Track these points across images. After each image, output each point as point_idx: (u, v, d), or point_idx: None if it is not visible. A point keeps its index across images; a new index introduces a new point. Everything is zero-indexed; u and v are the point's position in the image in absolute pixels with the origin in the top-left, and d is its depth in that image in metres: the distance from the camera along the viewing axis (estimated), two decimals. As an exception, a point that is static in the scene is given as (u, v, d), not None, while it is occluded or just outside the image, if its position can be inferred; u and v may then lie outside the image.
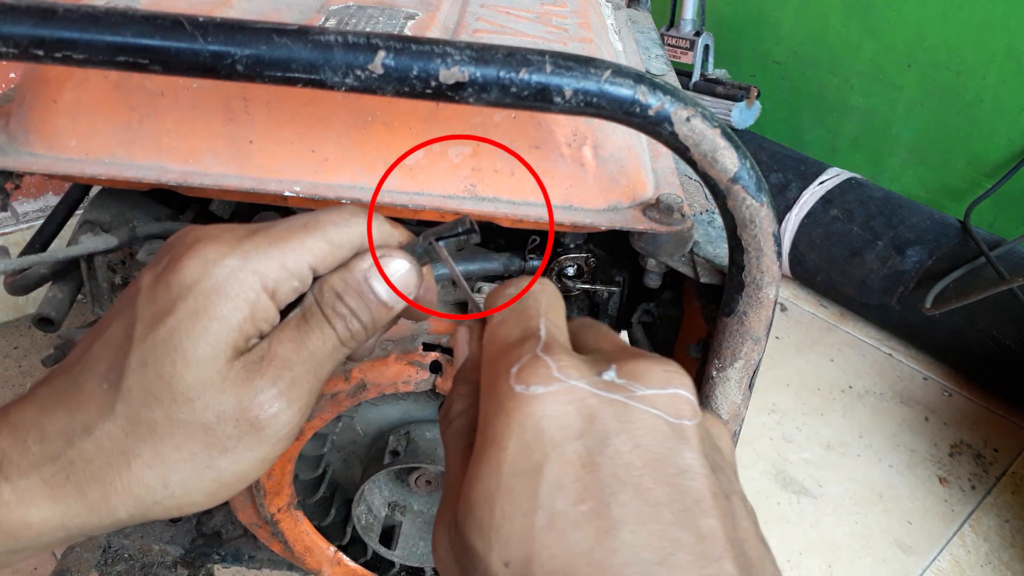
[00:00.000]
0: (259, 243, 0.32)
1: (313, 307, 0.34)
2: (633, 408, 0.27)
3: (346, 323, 0.34)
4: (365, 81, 0.38)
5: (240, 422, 0.32)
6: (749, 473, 1.38)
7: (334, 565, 0.81)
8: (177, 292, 0.31)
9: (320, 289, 0.34)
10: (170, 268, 0.32)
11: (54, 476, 0.31)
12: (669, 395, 0.27)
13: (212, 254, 0.32)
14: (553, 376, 0.27)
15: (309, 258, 0.33)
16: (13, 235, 1.47)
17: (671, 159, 0.64)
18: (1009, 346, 1.48)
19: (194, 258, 0.32)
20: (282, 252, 0.33)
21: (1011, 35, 1.64)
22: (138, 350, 0.31)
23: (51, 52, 0.37)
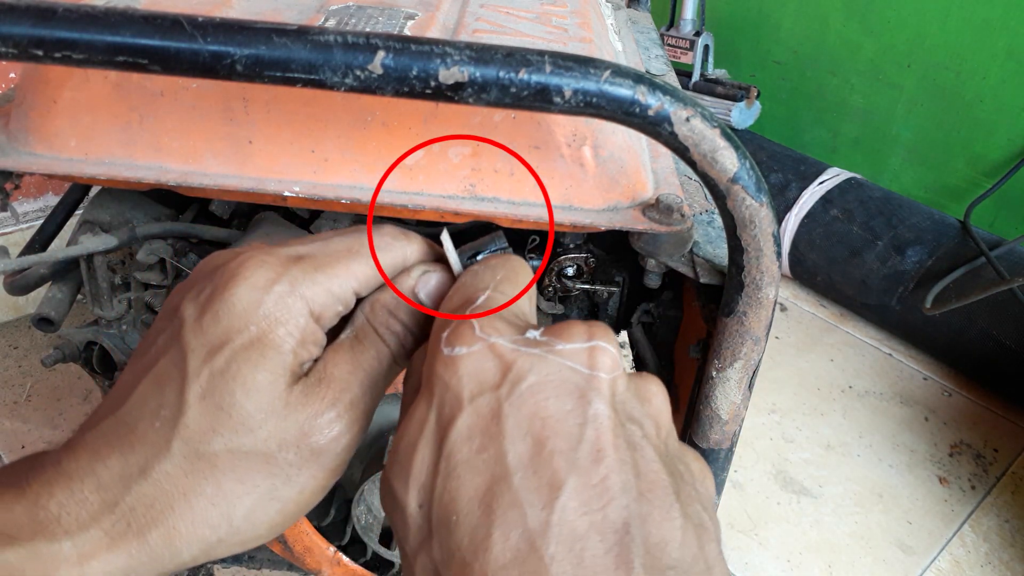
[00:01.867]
0: (306, 268, 0.32)
1: (366, 327, 0.34)
2: (549, 360, 0.28)
3: (399, 339, 0.34)
4: (365, 81, 0.38)
5: (302, 448, 0.32)
6: (749, 473, 1.38)
7: (334, 565, 0.81)
8: (229, 322, 0.31)
9: (372, 308, 0.34)
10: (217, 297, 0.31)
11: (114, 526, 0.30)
12: (587, 348, 0.29)
13: (260, 280, 0.31)
14: (476, 336, 0.29)
15: (354, 283, 0.33)
16: (13, 235, 1.47)
17: (671, 159, 0.64)
18: (1009, 346, 1.48)
19: (242, 285, 0.31)
20: (328, 278, 0.33)
21: (1011, 35, 1.64)
22: (195, 384, 0.30)
23: (51, 52, 0.37)
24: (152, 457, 0.30)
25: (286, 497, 0.32)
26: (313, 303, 0.32)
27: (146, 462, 0.30)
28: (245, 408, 0.30)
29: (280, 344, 0.31)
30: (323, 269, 0.33)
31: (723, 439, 0.57)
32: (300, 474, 0.32)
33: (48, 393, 1.39)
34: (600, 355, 0.29)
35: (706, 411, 0.55)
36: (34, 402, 1.37)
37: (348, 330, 0.34)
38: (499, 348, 0.29)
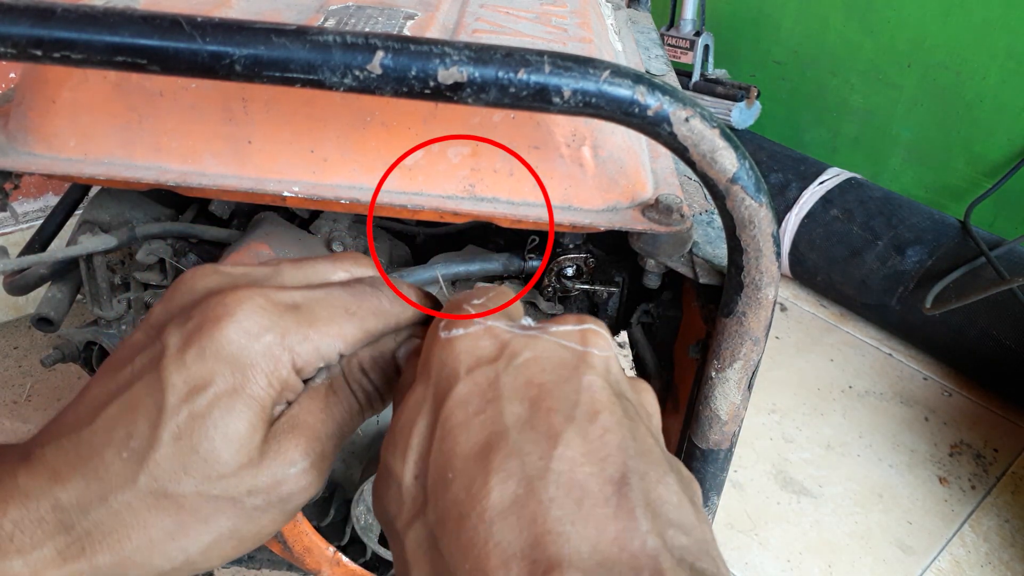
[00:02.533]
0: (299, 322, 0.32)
1: (340, 379, 0.34)
2: (544, 339, 0.29)
3: (368, 395, 0.35)
4: (364, 81, 0.38)
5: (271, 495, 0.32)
6: (749, 473, 1.38)
7: (333, 565, 0.81)
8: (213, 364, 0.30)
9: (348, 363, 0.34)
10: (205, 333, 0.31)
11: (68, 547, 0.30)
12: (580, 329, 0.30)
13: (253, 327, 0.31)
14: (473, 320, 0.30)
15: (341, 345, 0.33)
16: (13, 235, 1.47)
17: (670, 159, 0.64)
18: (1009, 346, 1.48)
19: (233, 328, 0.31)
20: (319, 336, 0.32)
21: (1011, 35, 1.64)
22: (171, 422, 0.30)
23: (50, 52, 0.37)
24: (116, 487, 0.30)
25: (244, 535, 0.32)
26: (298, 358, 0.32)
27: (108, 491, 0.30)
28: (221, 455, 0.30)
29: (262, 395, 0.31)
30: (316, 326, 0.32)
31: (723, 439, 0.57)
32: (263, 517, 0.32)
33: (48, 393, 1.39)
34: (592, 336, 0.30)
35: (706, 411, 0.55)
36: (34, 402, 1.37)
37: (323, 377, 0.34)
38: (495, 330, 0.30)
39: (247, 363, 0.31)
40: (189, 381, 0.30)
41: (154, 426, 0.30)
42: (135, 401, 0.31)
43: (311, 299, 0.33)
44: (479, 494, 0.25)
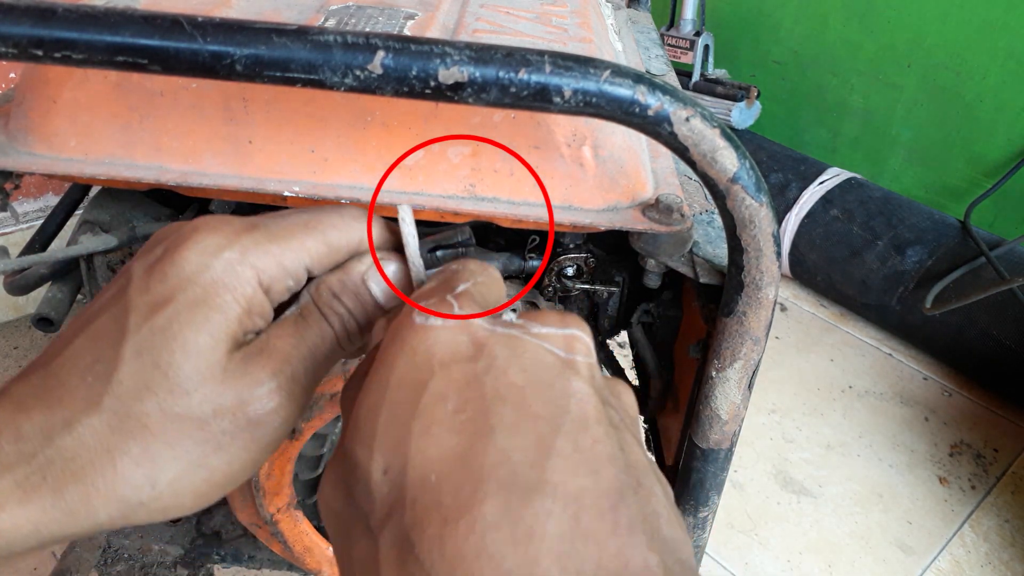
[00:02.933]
0: (258, 239, 0.32)
1: (310, 305, 0.34)
2: (526, 340, 0.28)
3: (343, 322, 0.34)
4: (364, 81, 0.38)
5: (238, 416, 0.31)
6: (749, 473, 1.38)
7: (334, 565, 0.81)
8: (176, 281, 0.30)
9: (317, 288, 0.34)
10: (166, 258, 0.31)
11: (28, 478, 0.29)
12: (563, 334, 0.28)
13: (211, 246, 0.31)
14: (452, 312, 0.28)
15: (306, 259, 0.33)
16: (13, 235, 1.47)
17: (671, 159, 0.64)
18: (1009, 346, 1.48)
19: (192, 248, 0.31)
20: (281, 250, 0.32)
21: (1011, 35, 1.64)
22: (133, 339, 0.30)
23: (50, 52, 0.37)
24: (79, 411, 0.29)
25: (214, 466, 0.31)
26: (263, 274, 0.31)
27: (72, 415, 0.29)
28: (183, 369, 0.29)
29: (225, 309, 0.30)
30: (276, 241, 0.32)
31: (723, 439, 0.57)
32: (232, 444, 0.31)
33: (48, 393, 1.39)
34: (576, 342, 0.28)
35: (706, 411, 0.55)
36: (34, 402, 1.37)
37: (294, 307, 0.34)
38: (474, 326, 0.28)
39: (208, 279, 0.30)
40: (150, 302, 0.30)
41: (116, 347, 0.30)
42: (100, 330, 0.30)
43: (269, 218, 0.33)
44: (468, 502, 0.23)
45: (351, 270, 0.34)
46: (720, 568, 1.23)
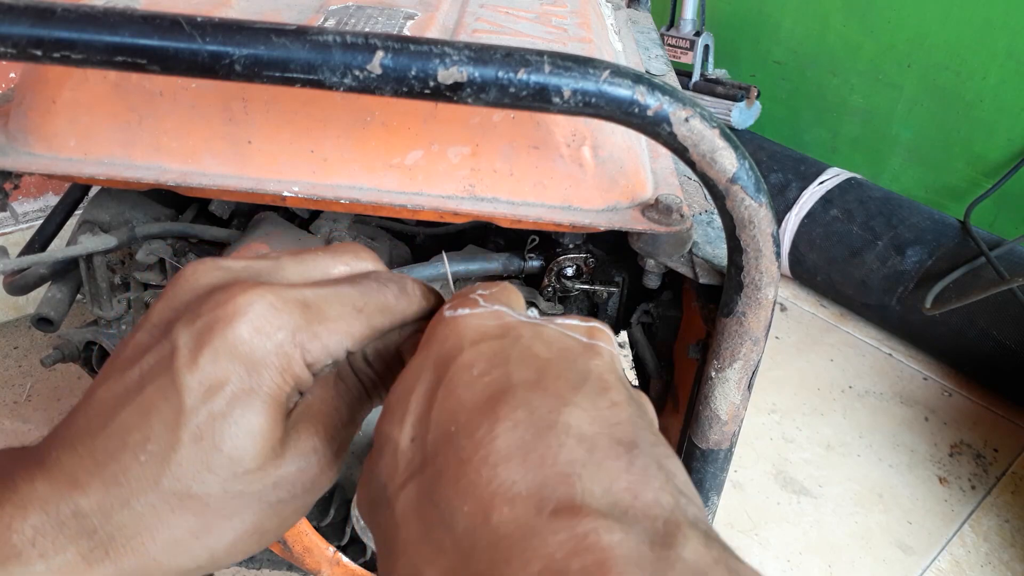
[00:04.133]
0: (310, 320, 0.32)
1: (346, 368, 0.35)
2: (550, 327, 0.29)
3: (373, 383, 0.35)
4: (364, 81, 0.38)
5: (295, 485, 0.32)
6: (749, 473, 1.38)
7: (333, 565, 0.81)
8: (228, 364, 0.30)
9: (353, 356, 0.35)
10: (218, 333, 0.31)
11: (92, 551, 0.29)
12: (586, 326, 0.30)
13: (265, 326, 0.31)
14: (480, 304, 0.30)
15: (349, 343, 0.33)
16: (13, 235, 1.47)
17: (670, 159, 0.64)
18: (1009, 346, 1.48)
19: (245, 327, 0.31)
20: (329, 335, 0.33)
21: (1011, 35, 1.64)
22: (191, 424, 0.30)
23: (49, 52, 0.37)
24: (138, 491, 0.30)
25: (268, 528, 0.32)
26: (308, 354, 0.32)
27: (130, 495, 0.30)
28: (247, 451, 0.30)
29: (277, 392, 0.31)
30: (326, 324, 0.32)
31: (723, 439, 0.57)
32: (286, 508, 0.32)
33: (48, 393, 1.39)
34: (598, 332, 0.30)
35: (705, 411, 0.55)
36: (34, 402, 1.37)
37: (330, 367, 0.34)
38: (502, 313, 0.29)
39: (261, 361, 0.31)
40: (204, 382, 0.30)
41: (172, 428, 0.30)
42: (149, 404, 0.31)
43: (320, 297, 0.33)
44: (483, 440, 0.24)
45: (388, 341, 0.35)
46: (720, 568, 1.23)
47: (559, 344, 0.28)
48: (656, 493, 0.23)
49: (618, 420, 0.25)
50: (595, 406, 0.26)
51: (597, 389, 0.26)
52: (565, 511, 0.22)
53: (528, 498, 0.23)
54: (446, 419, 0.26)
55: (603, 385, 0.27)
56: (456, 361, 0.28)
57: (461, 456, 0.24)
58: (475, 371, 0.27)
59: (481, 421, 0.25)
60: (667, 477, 0.24)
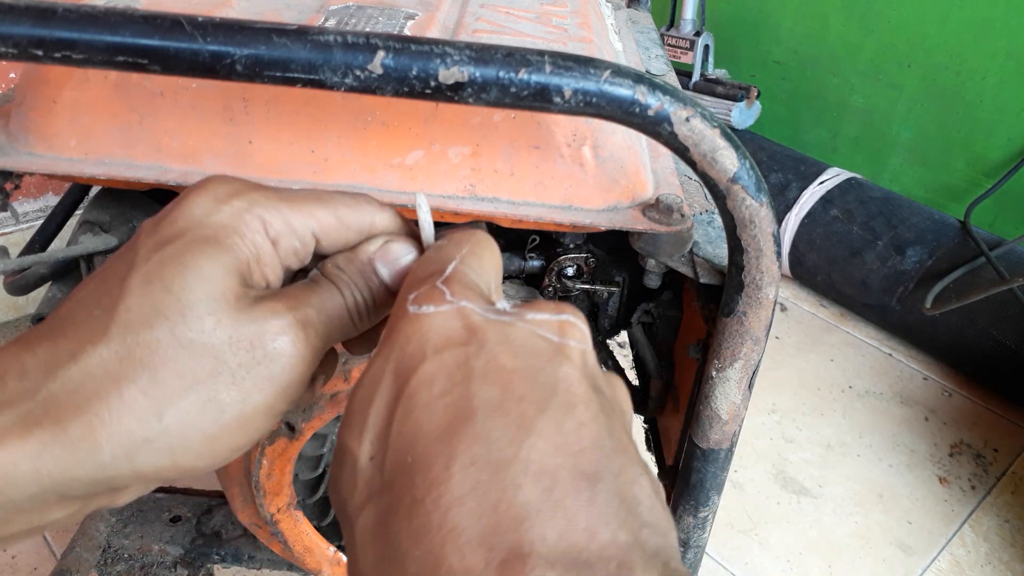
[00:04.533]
0: (268, 195, 0.32)
1: (318, 275, 0.34)
2: (518, 326, 0.28)
3: (351, 291, 0.34)
4: (364, 81, 0.38)
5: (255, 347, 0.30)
6: (749, 473, 1.38)
7: (334, 565, 0.81)
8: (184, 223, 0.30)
9: (324, 264, 0.34)
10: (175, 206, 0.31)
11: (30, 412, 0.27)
12: (558, 320, 0.28)
13: (221, 193, 0.31)
14: (445, 299, 0.28)
15: (314, 224, 0.33)
16: (13, 235, 1.47)
17: (671, 159, 0.64)
18: (1009, 346, 1.48)
19: (202, 194, 0.31)
20: (290, 209, 0.32)
21: (1011, 35, 1.64)
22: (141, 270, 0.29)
23: (50, 52, 0.37)
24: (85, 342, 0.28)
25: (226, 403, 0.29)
26: (270, 226, 0.31)
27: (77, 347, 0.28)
28: (196, 292, 0.29)
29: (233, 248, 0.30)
30: (286, 201, 0.32)
31: (723, 439, 0.57)
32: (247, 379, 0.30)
33: (48, 393, 1.39)
34: (570, 328, 0.28)
35: (706, 411, 0.55)
36: (34, 402, 1.37)
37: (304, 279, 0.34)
38: (468, 311, 0.28)
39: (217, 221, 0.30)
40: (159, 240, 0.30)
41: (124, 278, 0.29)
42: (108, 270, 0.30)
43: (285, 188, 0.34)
44: (437, 479, 0.23)
45: (360, 250, 0.34)
46: (720, 568, 1.23)
47: (527, 349, 0.27)
48: (614, 531, 0.22)
49: (582, 446, 0.24)
50: (559, 430, 0.24)
51: (564, 407, 0.25)
52: (515, 560, 0.21)
53: (478, 547, 0.22)
54: (403, 446, 0.25)
55: (570, 400, 0.25)
56: (416, 373, 0.26)
57: (415, 494, 0.23)
58: (435, 389, 0.25)
59: (437, 456, 0.24)
60: (629, 510, 0.23)
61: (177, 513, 0.99)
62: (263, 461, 0.69)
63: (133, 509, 1.00)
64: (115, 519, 0.98)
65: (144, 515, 0.99)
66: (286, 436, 0.68)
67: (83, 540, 0.96)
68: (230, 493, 0.77)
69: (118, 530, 0.97)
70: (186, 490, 1.03)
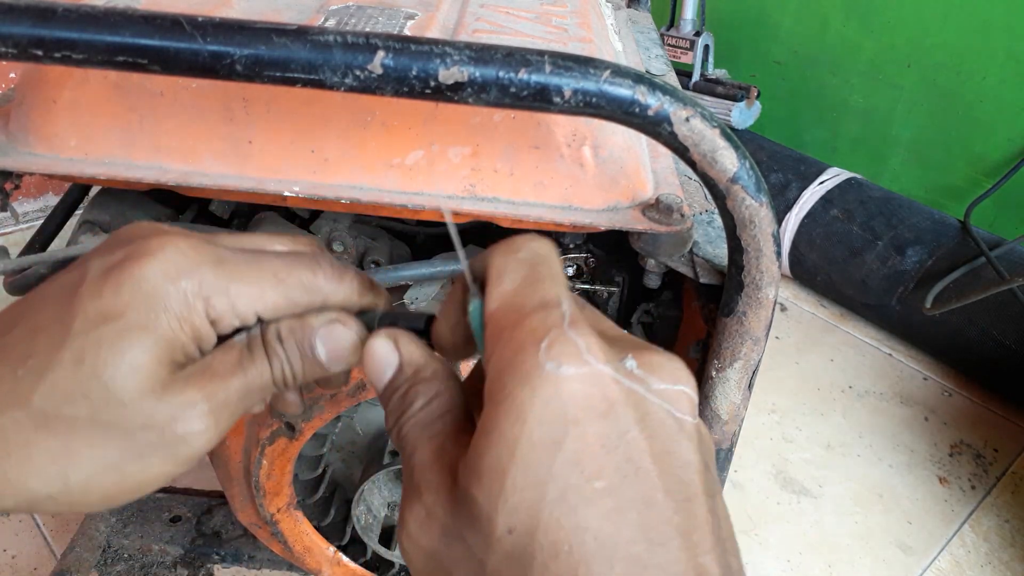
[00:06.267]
0: (220, 276, 0.32)
1: (257, 340, 0.34)
2: (649, 400, 0.28)
3: (283, 364, 0.34)
4: (364, 81, 0.38)
5: (165, 432, 0.32)
6: (749, 473, 1.38)
7: (334, 565, 0.81)
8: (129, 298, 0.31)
9: (266, 330, 0.34)
10: (124, 268, 0.31)
11: None
12: (677, 391, 0.29)
13: (171, 271, 0.31)
14: (583, 358, 0.27)
15: (259, 307, 0.33)
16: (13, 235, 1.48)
17: (671, 159, 0.64)
18: (1009, 346, 1.48)
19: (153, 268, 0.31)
20: (237, 293, 0.33)
21: (1011, 35, 1.64)
22: (75, 344, 0.30)
23: (50, 52, 0.37)
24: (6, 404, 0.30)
25: (128, 472, 0.32)
26: (211, 309, 0.32)
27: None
28: (124, 383, 0.30)
29: (172, 336, 0.31)
30: (236, 283, 0.33)
31: (723, 439, 0.57)
32: (151, 456, 0.32)
33: (48, 393, 1.39)
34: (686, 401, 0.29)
35: (706, 411, 0.55)
36: (34, 402, 1.37)
37: (244, 335, 0.34)
38: (604, 377, 0.27)
39: (160, 303, 0.31)
40: (101, 311, 0.31)
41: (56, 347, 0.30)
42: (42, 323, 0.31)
43: (240, 258, 0.33)
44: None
45: (304, 323, 0.35)
46: (720, 568, 1.23)
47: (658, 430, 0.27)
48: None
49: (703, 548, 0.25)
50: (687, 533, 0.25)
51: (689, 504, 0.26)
52: None
53: None
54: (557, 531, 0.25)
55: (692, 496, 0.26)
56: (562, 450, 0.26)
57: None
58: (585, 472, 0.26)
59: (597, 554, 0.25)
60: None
61: (177, 513, 0.99)
62: (263, 461, 0.69)
63: (133, 509, 1.00)
64: (115, 519, 0.98)
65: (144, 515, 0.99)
66: (286, 436, 0.68)
67: (83, 540, 0.96)
68: (230, 493, 0.77)
69: (118, 530, 0.97)
70: (186, 490, 1.03)
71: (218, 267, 0.32)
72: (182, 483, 1.04)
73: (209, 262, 0.32)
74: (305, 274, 0.34)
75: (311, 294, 0.34)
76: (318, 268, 0.35)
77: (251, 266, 0.34)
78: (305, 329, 0.34)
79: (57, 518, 1.20)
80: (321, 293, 0.35)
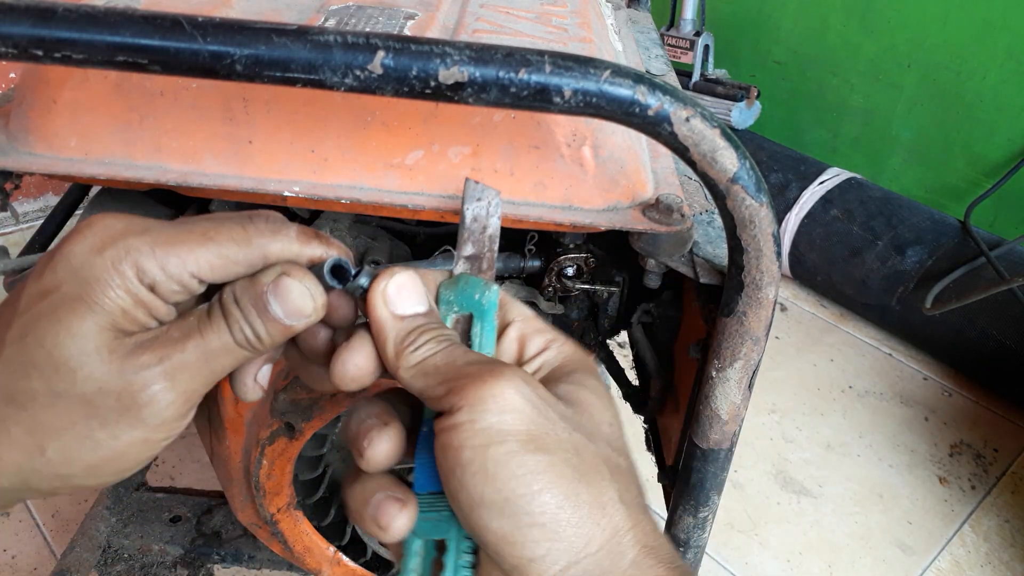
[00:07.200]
0: (145, 240, 0.33)
1: (216, 308, 0.35)
2: None
3: (240, 327, 0.35)
4: (364, 81, 0.38)
5: (122, 397, 0.33)
6: (749, 473, 1.38)
7: (334, 565, 0.81)
8: (62, 275, 0.33)
9: (222, 292, 0.35)
10: (59, 250, 0.33)
11: None
12: None
13: (96, 243, 0.33)
14: None
15: (193, 267, 0.34)
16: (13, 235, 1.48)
17: (671, 159, 0.64)
18: (1009, 346, 1.48)
19: (79, 243, 0.33)
20: (165, 255, 0.33)
21: (1011, 35, 1.64)
22: (19, 322, 0.32)
23: (50, 52, 0.37)
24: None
25: (101, 440, 0.33)
26: (144, 275, 0.33)
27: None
28: (66, 348, 0.32)
29: (105, 303, 0.32)
30: (163, 246, 0.33)
31: (723, 439, 0.57)
32: (119, 422, 0.33)
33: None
34: None
35: (706, 411, 0.55)
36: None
37: (205, 304, 0.35)
38: None
39: (91, 274, 0.32)
40: (40, 289, 0.33)
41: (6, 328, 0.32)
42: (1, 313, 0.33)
43: (168, 225, 0.34)
44: None
45: (256, 280, 0.35)
46: (720, 568, 1.23)
47: None
48: None
49: None
50: None
51: None
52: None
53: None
54: None
55: None
56: None
57: None
58: None
59: None
60: None
61: (177, 513, 0.99)
62: (263, 461, 0.69)
63: (133, 509, 1.00)
64: (115, 519, 0.98)
65: (144, 515, 0.99)
66: (286, 436, 0.68)
67: (83, 540, 0.96)
68: (230, 493, 0.77)
69: (118, 530, 0.97)
70: (186, 490, 1.03)
71: (143, 235, 0.33)
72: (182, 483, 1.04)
73: (135, 232, 0.33)
74: (235, 229, 0.35)
75: (247, 248, 0.35)
76: (249, 223, 0.35)
77: (178, 229, 0.34)
78: (256, 286, 0.34)
79: (57, 518, 1.20)
80: (258, 247, 0.35)
